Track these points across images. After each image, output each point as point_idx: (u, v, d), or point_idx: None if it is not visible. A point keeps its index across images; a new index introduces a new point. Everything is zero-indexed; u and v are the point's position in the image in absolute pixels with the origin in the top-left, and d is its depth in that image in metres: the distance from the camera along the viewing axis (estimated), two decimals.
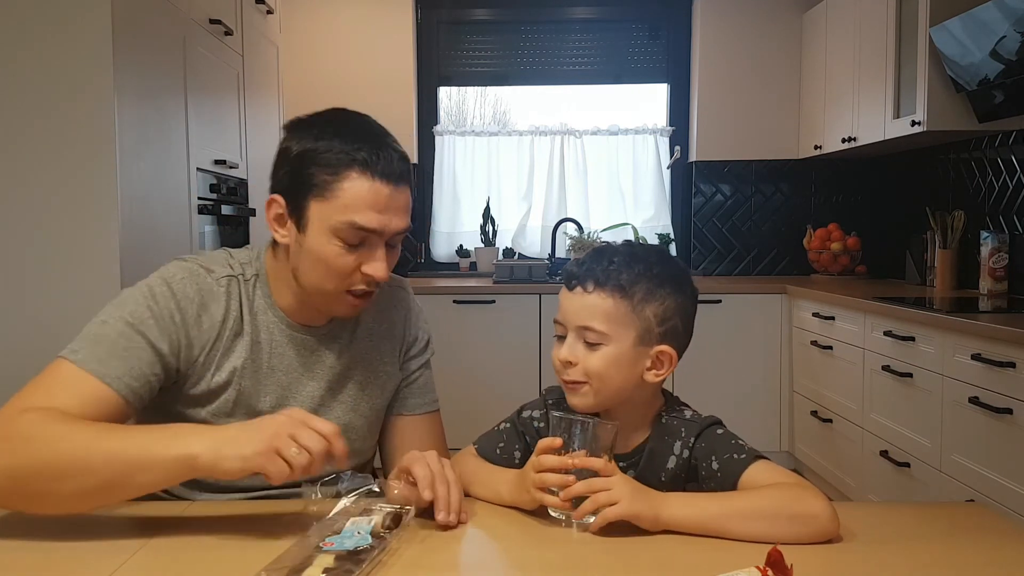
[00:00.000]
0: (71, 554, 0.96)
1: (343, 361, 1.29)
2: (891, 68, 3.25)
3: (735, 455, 1.10)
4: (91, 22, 2.13)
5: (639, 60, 4.46)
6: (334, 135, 1.16)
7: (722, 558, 0.94)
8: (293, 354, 1.26)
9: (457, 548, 1.04)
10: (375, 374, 1.33)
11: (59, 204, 2.17)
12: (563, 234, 4.34)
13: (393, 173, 1.16)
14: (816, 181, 4.34)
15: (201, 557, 0.96)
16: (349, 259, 1.16)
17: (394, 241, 1.21)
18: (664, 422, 1.17)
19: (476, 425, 1.45)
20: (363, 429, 1.31)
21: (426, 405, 1.39)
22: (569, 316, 1.13)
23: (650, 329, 1.12)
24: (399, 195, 1.17)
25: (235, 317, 1.22)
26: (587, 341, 1.11)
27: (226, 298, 1.21)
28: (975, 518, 1.12)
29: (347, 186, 1.14)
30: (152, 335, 1.14)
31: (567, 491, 1.02)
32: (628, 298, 1.11)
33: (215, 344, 1.20)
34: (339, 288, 1.18)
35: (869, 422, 2.97)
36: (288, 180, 1.18)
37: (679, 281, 1.15)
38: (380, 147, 1.16)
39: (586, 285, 1.12)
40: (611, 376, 1.11)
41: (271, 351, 1.24)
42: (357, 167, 1.14)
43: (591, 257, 1.15)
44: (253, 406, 1.22)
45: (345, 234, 1.14)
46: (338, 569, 0.88)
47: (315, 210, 1.15)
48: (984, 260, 3.09)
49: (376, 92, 4.30)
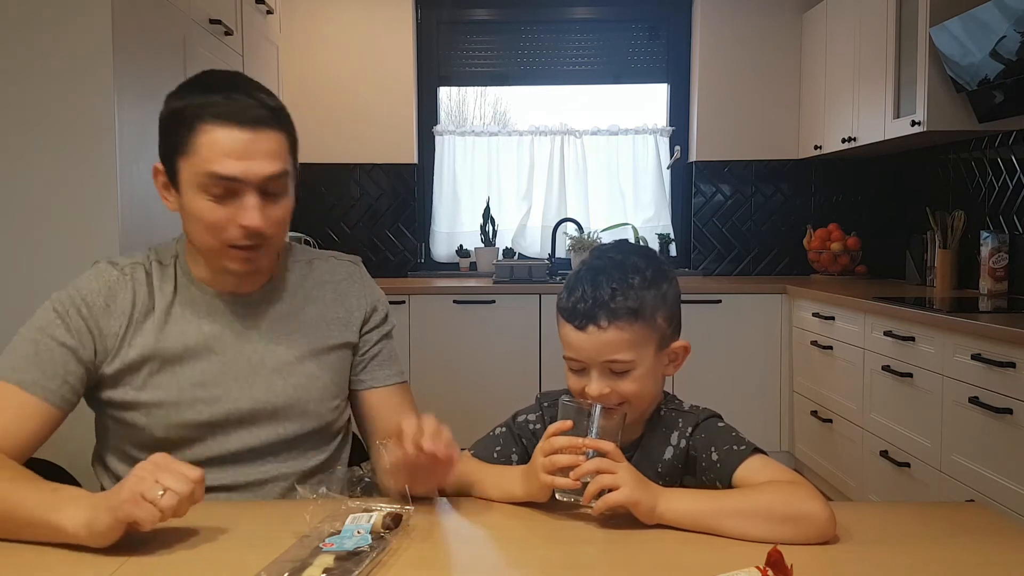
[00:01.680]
0: (71, 554, 0.96)
1: (283, 325, 1.29)
2: (891, 68, 3.24)
3: (735, 446, 1.10)
4: (91, 22, 2.13)
5: (639, 60, 4.46)
6: (191, 92, 1.17)
7: (722, 558, 0.94)
8: (224, 322, 1.26)
9: (457, 548, 1.04)
10: (322, 338, 1.31)
11: (59, 204, 2.17)
12: (563, 234, 4.34)
13: (248, 117, 1.14)
14: (816, 181, 4.34)
15: (201, 557, 0.96)
16: (221, 212, 1.16)
17: (274, 188, 1.18)
18: (662, 415, 1.18)
19: (476, 425, 1.45)
20: (315, 391, 1.29)
21: (394, 376, 1.38)
22: (590, 355, 1.11)
23: (664, 334, 1.15)
24: (260, 139, 1.15)
25: (143, 299, 1.24)
26: (614, 371, 1.11)
27: (132, 283, 1.24)
28: (975, 518, 1.12)
29: (203, 139, 1.14)
30: (59, 334, 1.19)
31: (578, 470, 1.03)
32: (642, 318, 1.11)
33: (128, 328, 1.22)
34: (220, 243, 1.18)
35: (869, 422, 2.97)
36: (161, 146, 1.20)
37: (666, 272, 1.17)
38: (232, 94, 1.15)
39: (599, 322, 1.10)
40: (647, 390, 1.14)
41: (199, 322, 1.25)
42: (209, 118, 1.14)
43: (590, 288, 1.12)
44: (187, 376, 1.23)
45: (209, 187, 1.14)
46: (338, 569, 0.88)
47: (183, 169, 1.16)
48: (984, 260, 3.09)
49: (376, 92, 4.30)
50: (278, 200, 1.19)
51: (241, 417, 1.24)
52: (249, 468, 1.25)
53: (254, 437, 1.25)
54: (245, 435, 1.25)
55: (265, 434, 1.26)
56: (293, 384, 1.27)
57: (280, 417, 1.26)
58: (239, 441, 1.25)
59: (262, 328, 1.28)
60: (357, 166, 4.37)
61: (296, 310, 1.31)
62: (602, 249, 1.20)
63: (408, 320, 3.75)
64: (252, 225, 1.16)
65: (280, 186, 1.19)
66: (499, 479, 1.16)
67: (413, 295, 3.77)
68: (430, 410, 1.11)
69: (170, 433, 1.22)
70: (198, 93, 1.16)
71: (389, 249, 4.42)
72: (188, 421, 1.22)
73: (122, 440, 1.25)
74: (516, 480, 1.12)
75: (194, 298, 1.26)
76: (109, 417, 1.26)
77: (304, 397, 1.27)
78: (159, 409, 1.22)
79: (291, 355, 1.28)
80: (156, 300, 1.25)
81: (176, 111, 1.17)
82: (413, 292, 3.78)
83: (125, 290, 1.23)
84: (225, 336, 1.26)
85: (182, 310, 1.25)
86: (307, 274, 1.35)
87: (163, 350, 1.22)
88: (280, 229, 1.21)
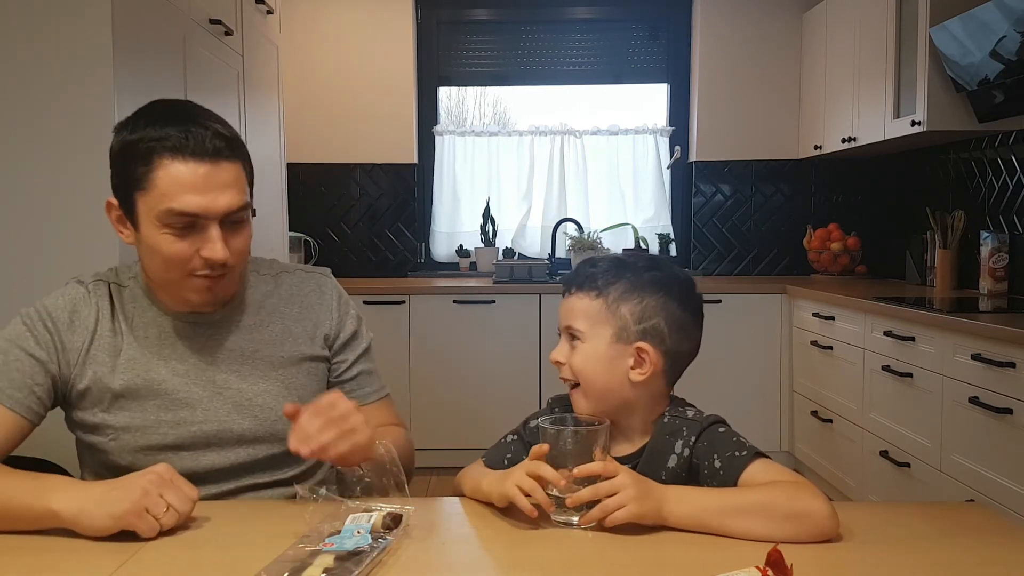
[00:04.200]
0: (71, 554, 0.96)
1: (246, 344, 1.28)
2: (891, 68, 3.24)
3: (737, 452, 1.10)
4: (91, 22, 2.13)
5: (639, 60, 4.46)
6: (145, 125, 1.15)
7: (722, 558, 0.94)
8: (187, 344, 1.25)
9: (457, 548, 1.04)
10: (287, 355, 1.29)
11: (59, 204, 2.17)
12: (563, 234, 4.34)
13: (206, 150, 1.13)
14: (816, 181, 4.34)
15: (201, 557, 0.96)
16: (182, 245, 1.15)
17: (236, 218, 1.18)
18: (666, 421, 1.17)
19: (475, 424, 1.45)
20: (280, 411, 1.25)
21: (372, 394, 1.36)
22: (560, 319, 1.21)
23: (626, 327, 1.16)
24: (219, 171, 1.15)
25: (107, 316, 1.24)
26: (573, 337, 1.18)
27: (96, 299, 1.25)
28: (975, 518, 1.12)
29: (161, 174, 1.13)
30: (28, 345, 1.19)
31: (574, 498, 1.03)
32: (603, 297, 1.17)
33: (91, 344, 1.22)
34: (182, 275, 1.18)
35: (869, 422, 2.97)
36: (115, 179, 1.19)
37: (665, 284, 1.18)
38: (189, 127, 1.14)
39: (571, 288, 1.20)
40: (592, 371, 1.16)
41: (160, 343, 1.24)
42: (167, 153, 1.13)
43: (580, 264, 1.23)
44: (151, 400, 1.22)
45: (170, 221, 1.14)
46: (338, 569, 0.88)
47: (141, 204, 1.15)
48: (984, 260, 3.09)
49: (376, 92, 4.30)
50: (238, 230, 1.20)
51: (208, 440, 1.23)
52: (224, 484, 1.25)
53: (223, 459, 1.24)
54: (214, 456, 1.23)
55: (234, 455, 1.24)
56: (260, 405, 1.25)
57: (248, 439, 1.25)
58: (208, 462, 1.23)
59: (224, 349, 1.26)
60: (357, 166, 4.37)
61: (259, 327, 1.29)
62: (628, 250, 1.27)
63: (408, 320, 3.75)
64: (216, 258, 1.16)
65: (240, 216, 1.19)
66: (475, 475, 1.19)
67: (413, 295, 3.77)
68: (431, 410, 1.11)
69: (137, 458, 1.20)
70: (152, 126, 1.14)
71: (389, 249, 4.42)
72: (154, 444, 1.21)
73: (97, 464, 1.25)
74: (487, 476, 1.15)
75: (155, 320, 1.25)
76: (81, 441, 1.26)
77: (271, 418, 1.25)
78: (125, 433, 1.21)
79: (255, 375, 1.27)
80: (118, 320, 1.25)
81: (129, 144, 1.15)
82: (413, 292, 3.78)
83: (88, 306, 1.24)
84: (188, 359, 1.25)
85: (144, 332, 1.24)
86: (272, 290, 1.33)
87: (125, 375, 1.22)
88: (242, 258, 1.22)
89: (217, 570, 0.93)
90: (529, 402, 3.65)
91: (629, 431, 1.18)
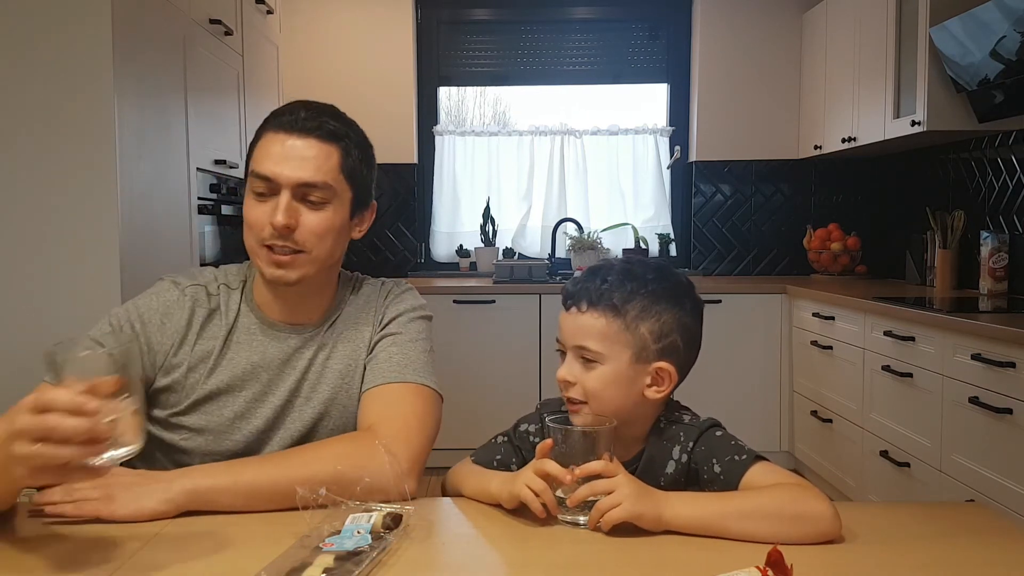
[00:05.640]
0: (71, 554, 0.96)
1: (324, 354, 1.29)
2: (891, 68, 3.25)
3: (736, 456, 1.10)
4: (91, 22, 2.13)
5: (639, 60, 4.46)
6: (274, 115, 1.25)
7: (722, 558, 0.94)
8: (275, 353, 1.27)
9: (457, 548, 1.04)
10: (352, 366, 1.30)
11: (59, 204, 2.17)
12: (563, 234, 4.34)
13: (294, 124, 1.21)
14: (816, 181, 4.34)
15: (201, 557, 0.96)
16: (259, 210, 1.20)
17: (313, 196, 1.21)
18: (662, 427, 1.17)
19: (475, 424, 1.45)
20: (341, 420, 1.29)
21: (380, 377, 1.27)
22: (566, 336, 1.15)
23: (646, 347, 1.12)
24: (300, 144, 1.20)
25: (200, 320, 1.27)
26: (584, 359, 1.13)
27: (191, 304, 1.27)
28: (975, 518, 1.12)
29: (259, 144, 1.23)
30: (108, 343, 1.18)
31: (573, 497, 1.02)
32: (621, 316, 1.12)
33: (179, 347, 1.25)
34: (256, 243, 1.22)
35: (869, 422, 2.97)
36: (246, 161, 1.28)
37: (677, 297, 1.15)
38: (294, 108, 1.23)
39: (580, 305, 1.14)
40: (609, 395, 1.12)
41: (251, 352, 1.27)
42: (268, 126, 1.23)
43: (586, 276, 1.17)
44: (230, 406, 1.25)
45: (252, 184, 1.21)
46: (338, 569, 0.88)
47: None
48: (984, 260, 3.09)
49: (376, 92, 4.30)
50: (318, 210, 1.22)
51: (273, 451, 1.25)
52: None
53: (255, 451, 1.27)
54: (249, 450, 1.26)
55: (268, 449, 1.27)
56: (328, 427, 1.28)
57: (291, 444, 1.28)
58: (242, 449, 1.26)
59: (304, 359, 1.28)
60: None
61: (334, 338, 1.31)
62: (628, 255, 1.22)
63: None
64: (276, 222, 1.18)
65: (320, 196, 1.21)
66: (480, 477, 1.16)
67: None
68: None
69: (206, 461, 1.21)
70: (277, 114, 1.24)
71: (389, 249, 4.42)
72: (225, 450, 1.24)
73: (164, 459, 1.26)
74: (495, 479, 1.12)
75: (251, 325, 1.28)
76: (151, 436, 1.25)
77: (336, 430, 1.28)
78: (199, 436, 1.24)
79: (327, 390, 1.28)
80: (216, 325, 1.27)
81: (257, 130, 1.26)
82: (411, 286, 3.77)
83: (182, 310, 1.26)
84: (272, 367, 1.27)
85: (238, 336, 1.27)
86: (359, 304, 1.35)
87: (214, 378, 1.24)
88: (316, 241, 1.22)
89: (217, 570, 0.93)
90: (529, 402, 3.61)
91: (627, 439, 1.17)
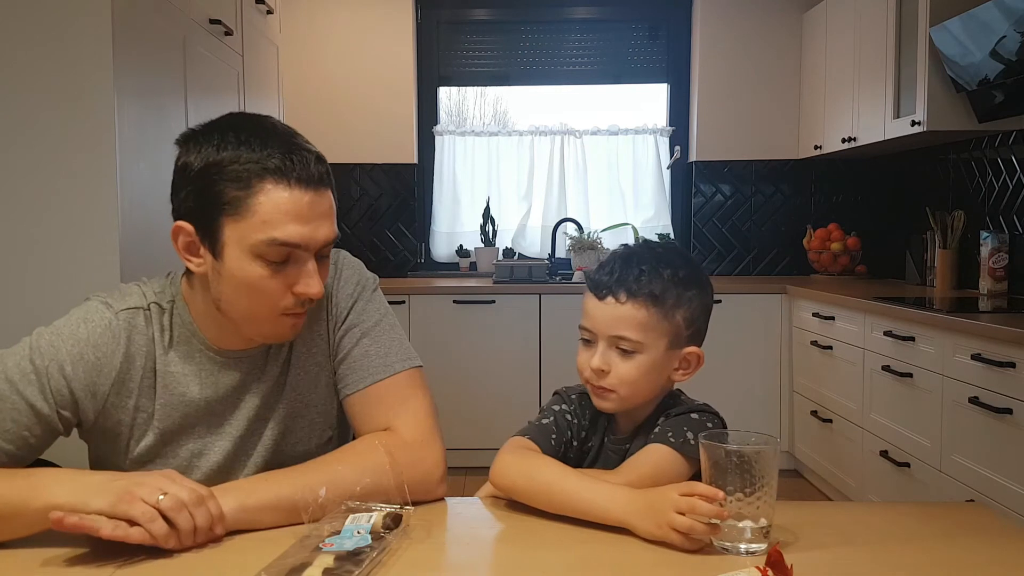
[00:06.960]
0: (71, 554, 0.96)
1: (283, 373, 1.19)
2: (891, 68, 3.24)
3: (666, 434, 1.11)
4: (91, 22, 2.13)
5: (639, 60, 4.46)
6: (239, 143, 1.03)
7: (722, 558, 0.94)
8: (226, 383, 1.15)
9: (457, 548, 1.04)
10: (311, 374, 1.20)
11: (59, 204, 2.17)
12: (563, 234, 4.34)
13: (312, 177, 1.04)
14: (816, 181, 4.34)
15: (201, 557, 0.96)
16: (276, 281, 1.05)
17: (325, 252, 1.10)
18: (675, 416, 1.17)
19: (475, 424, 1.45)
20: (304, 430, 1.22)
21: (371, 376, 1.18)
22: (601, 326, 1.14)
23: (680, 333, 1.14)
24: (321, 200, 1.06)
25: (139, 351, 1.12)
26: (620, 348, 1.13)
27: (127, 332, 1.11)
28: (975, 518, 1.12)
29: (262, 199, 1.02)
30: (30, 394, 1.06)
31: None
32: (660, 306, 1.12)
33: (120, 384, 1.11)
34: (271, 312, 1.08)
35: (869, 422, 2.97)
36: (194, 202, 1.05)
37: (701, 282, 1.17)
38: (292, 150, 1.04)
39: (618, 295, 1.13)
40: (644, 383, 1.14)
41: (200, 384, 1.14)
42: (271, 176, 1.02)
43: (620, 265, 1.14)
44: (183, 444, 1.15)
45: (268, 253, 1.03)
46: (338, 569, 0.88)
47: (230, 231, 1.04)
48: (984, 260, 3.09)
49: (376, 92, 4.30)
50: (325, 262, 1.12)
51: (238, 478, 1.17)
52: None
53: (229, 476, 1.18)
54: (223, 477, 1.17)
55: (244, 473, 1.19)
56: (291, 442, 1.20)
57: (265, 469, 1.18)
58: None
59: (264, 383, 1.17)
60: (357, 166, 4.37)
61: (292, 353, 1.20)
62: (646, 241, 1.22)
63: (408, 320, 3.75)
64: (312, 293, 1.06)
65: (330, 249, 1.12)
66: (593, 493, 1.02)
67: (413, 295, 3.77)
68: None
69: None
70: (246, 145, 1.03)
71: (389, 249, 4.42)
72: None
73: None
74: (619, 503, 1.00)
75: (193, 354, 1.14)
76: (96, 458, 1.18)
77: (302, 451, 1.20)
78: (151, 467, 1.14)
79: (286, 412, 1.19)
80: (154, 355, 1.13)
81: (217, 164, 1.03)
82: (413, 292, 3.78)
83: (118, 340, 1.11)
84: (227, 398, 1.16)
85: (181, 368, 1.13)
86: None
87: (158, 416, 1.13)
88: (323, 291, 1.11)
89: (217, 570, 0.93)
90: (529, 402, 3.65)
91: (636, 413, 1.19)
